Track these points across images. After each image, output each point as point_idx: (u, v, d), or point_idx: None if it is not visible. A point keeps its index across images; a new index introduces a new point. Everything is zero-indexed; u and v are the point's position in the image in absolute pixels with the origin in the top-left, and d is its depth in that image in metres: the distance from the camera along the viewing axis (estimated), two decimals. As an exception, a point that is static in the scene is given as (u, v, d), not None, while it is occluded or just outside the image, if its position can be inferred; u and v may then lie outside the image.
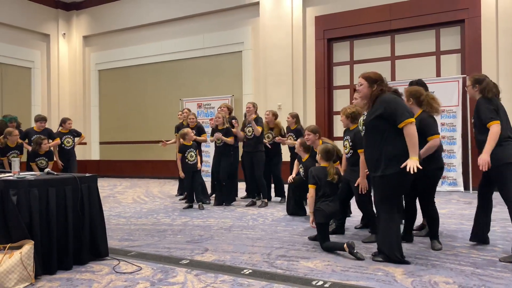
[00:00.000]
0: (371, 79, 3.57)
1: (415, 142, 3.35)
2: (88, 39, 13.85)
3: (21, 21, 12.60)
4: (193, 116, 7.79)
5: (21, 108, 12.18)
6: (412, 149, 3.35)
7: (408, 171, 3.29)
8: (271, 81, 10.40)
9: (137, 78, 12.92)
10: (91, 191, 3.71)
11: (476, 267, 3.38)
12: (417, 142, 3.36)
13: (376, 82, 3.55)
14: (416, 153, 3.35)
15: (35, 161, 6.70)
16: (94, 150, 13.68)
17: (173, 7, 11.98)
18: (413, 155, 3.34)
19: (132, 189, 9.69)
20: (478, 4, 8.44)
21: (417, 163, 3.30)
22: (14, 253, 3.01)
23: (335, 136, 9.98)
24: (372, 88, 3.55)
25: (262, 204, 6.75)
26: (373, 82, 3.56)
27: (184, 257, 3.79)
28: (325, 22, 10.01)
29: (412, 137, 3.36)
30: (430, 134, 3.87)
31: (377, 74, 3.60)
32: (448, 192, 8.14)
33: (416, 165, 3.29)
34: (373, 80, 3.56)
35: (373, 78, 3.57)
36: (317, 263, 3.56)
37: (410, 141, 3.36)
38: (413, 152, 3.35)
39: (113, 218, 5.92)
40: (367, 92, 3.59)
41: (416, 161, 3.31)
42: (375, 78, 3.56)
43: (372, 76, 3.58)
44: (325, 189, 4.02)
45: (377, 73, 3.62)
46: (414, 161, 3.31)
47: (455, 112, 8.33)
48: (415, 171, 3.28)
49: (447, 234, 4.58)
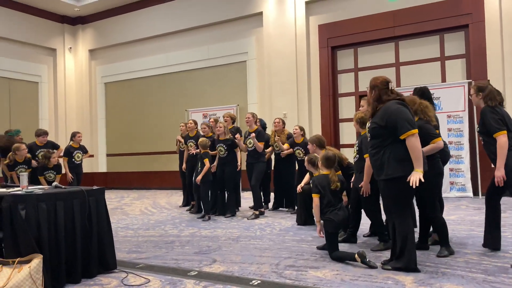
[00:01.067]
0: (371, 84, 3.58)
1: (417, 155, 3.30)
2: (94, 52, 14.01)
3: (28, 36, 12.79)
4: (206, 126, 7.64)
5: (29, 122, 12.30)
6: (415, 162, 3.30)
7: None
8: (276, 90, 10.43)
9: (142, 90, 13.02)
10: (99, 204, 3.72)
11: (488, 274, 3.34)
12: (420, 155, 3.31)
13: (375, 87, 3.53)
14: (419, 165, 3.30)
15: (44, 175, 6.75)
16: (101, 162, 13.75)
17: (177, 19, 12.10)
18: (417, 168, 3.30)
19: (139, 201, 9.70)
20: (482, 9, 8.44)
21: (421, 176, 3.26)
22: (23, 267, 3.02)
23: (341, 143, 9.96)
24: (371, 94, 3.56)
25: (252, 216, 6.51)
26: (372, 88, 3.56)
27: (192, 269, 3.78)
28: (328, 30, 10.05)
29: (414, 150, 3.31)
30: (432, 138, 3.91)
31: (377, 80, 3.55)
32: (457, 198, 8.07)
33: (420, 177, 3.25)
34: (372, 86, 3.56)
35: (372, 84, 3.56)
36: (326, 272, 3.53)
37: (412, 154, 3.32)
38: (416, 165, 3.30)
39: (121, 230, 5.93)
40: (368, 97, 3.61)
41: (420, 174, 3.27)
42: (374, 84, 3.55)
43: (372, 82, 3.57)
44: (329, 198, 3.99)
45: (379, 78, 3.57)
46: (418, 174, 3.27)
47: (462, 117, 8.29)
48: (417, 185, 3.25)
49: (457, 241, 4.53)
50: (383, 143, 3.45)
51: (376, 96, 3.51)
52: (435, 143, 3.91)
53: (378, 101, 3.51)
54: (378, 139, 3.49)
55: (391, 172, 3.39)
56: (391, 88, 3.52)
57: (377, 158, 3.49)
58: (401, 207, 3.45)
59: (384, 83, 3.51)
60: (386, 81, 3.52)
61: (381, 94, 3.49)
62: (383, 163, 3.44)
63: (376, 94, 3.51)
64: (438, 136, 3.96)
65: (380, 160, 3.46)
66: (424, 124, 3.95)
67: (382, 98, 3.49)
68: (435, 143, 3.90)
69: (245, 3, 11.04)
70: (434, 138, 3.91)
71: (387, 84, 3.51)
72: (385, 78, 3.57)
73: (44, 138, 7.54)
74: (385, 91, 3.49)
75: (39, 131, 7.67)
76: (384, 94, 3.49)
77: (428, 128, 3.95)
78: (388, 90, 3.50)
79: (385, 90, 3.50)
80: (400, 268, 3.43)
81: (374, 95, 3.52)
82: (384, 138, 3.44)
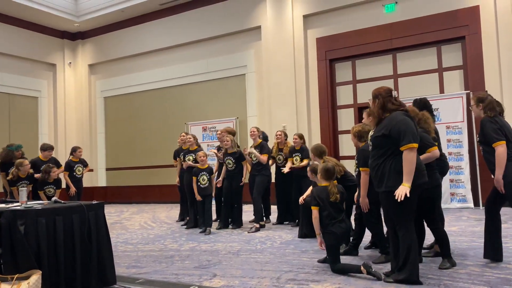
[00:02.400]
0: (373, 94, 3.59)
1: (410, 169, 3.30)
2: (93, 67, 14.09)
3: (28, 52, 12.87)
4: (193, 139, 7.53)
5: (29, 137, 12.32)
6: (405, 176, 3.30)
7: (411, 189, 3.27)
8: (275, 103, 10.47)
9: (142, 104, 13.07)
10: (98, 218, 3.70)
11: (490, 286, 3.31)
12: (412, 170, 3.31)
13: (377, 97, 3.54)
14: (408, 180, 3.29)
15: (43, 189, 6.73)
16: (101, 176, 13.72)
17: (176, 33, 12.20)
18: (405, 182, 3.29)
19: (139, 215, 9.66)
20: (478, 20, 8.52)
21: (407, 191, 3.25)
22: (22, 283, 3.00)
23: (341, 155, 9.96)
24: (374, 103, 3.57)
25: (253, 229, 6.47)
26: (375, 97, 3.57)
27: (193, 283, 3.74)
28: (326, 43, 10.13)
29: (408, 164, 3.30)
30: (428, 147, 3.92)
31: (380, 89, 3.57)
32: (458, 209, 8.03)
33: (406, 192, 3.25)
34: (375, 96, 3.57)
35: (375, 93, 3.58)
36: (327, 286, 3.50)
37: (405, 167, 3.31)
38: (406, 179, 3.30)
39: (120, 245, 5.89)
40: (371, 107, 3.62)
41: (407, 189, 3.26)
42: (377, 93, 3.56)
43: (375, 91, 3.59)
44: (329, 210, 3.96)
45: (382, 87, 3.59)
46: (405, 188, 3.27)
47: (461, 128, 8.30)
48: (402, 200, 3.25)
49: (459, 252, 4.50)
50: (384, 154, 3.45)
51: (381, 104, 3.51)
52: (431, 152, 3.92)
53: (383, 109, 3.50)
54: (380, 149, 3.48)
55: (391, 184, 3.38)
56: (394, 96, 3.53)
57: (377, 170, 3.49)
58: (404, 219, 3.43)
59: (387, 92, 3.53)
60: (389, 90, 3.55)
61: (386, 102, 3.49)
62: (384, 174, 3.43)
63: (381, 102, 3.51)
64: (434, 145, 3.97)
65: (381, 171, 3.46)
66: (421, 133, 3.96)
67: (387, 106, 3.49)
68: (430, 152, 3.92)
69: (244, 17, 11.15)
70: (430, 147, 3.93)
71: (390, 93, 3.53)
72: (388, 87, 3.60)
73: (49, 153, 7.46)
74: (389, 99, 3.50)
75: (45, 146, 7.55)
76: (388, 102, 3.49)
77: (425, 137, 3.96)
78: (392, 98, 3.51)
79: (388, 98, 3.51)
80: (403, 280, 3.40)
81: (378, 104, 3.52)
82: (386, 149, 3.44)
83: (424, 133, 3.99)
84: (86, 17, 13.01)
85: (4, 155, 7.25)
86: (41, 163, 7.28)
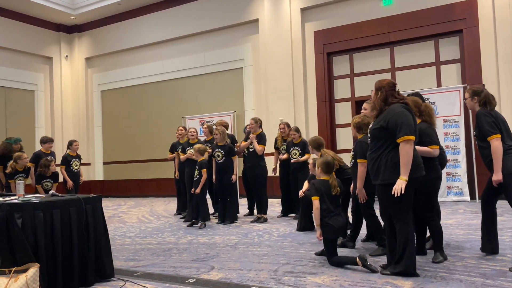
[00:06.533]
0: (376, 86, 3.59)
1: (407, 162, 3.30)
2: (90, 60, 14.02)
3: (24, 45, 12.79)
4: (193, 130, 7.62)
5: (25, 131, 12.26)
6: (402, 169, 3.31)
7: (408, 181, 3.28)
8: (272, 96, 10.46)
9: (139, 97, 13.03)
10: (96, 212, 3.70)
11: (486, 278, 3.33)
12: (409, 162, 3.30)
13: (380, 89, 3.55)
14: (405, 173, 3.30)
15: (41, 183, 6.72)
16: (98, 170, 13.71)
17: (173, 27, 12.14)
18: (402, 175, 3.30)
19: (136, 208, 9.66)
20: (476, 14, 8.51)
21: (403, 185, 3.27)
22: (20, 277, 3.00)
23: (338, 148, 9.98)
24: (377, 96, 3.57)
25: (261, 219, 6.66)
26: (378, 89, 3.57)
27: (190, 276, 3.76)
28: (324, 36, 10.11)
29: (405, 156, 3.30)
30: (431, 144, 3.92)
31: (383, 82, 3.57)
32: (454, 202, 8.08)
33: (402, 187, 3.26)
34: (378, 88, 3.58)
35: (378, 86, 3.58)
36: (324, 278, 3.52)
37: (402, 160, 3.31)
38: (403, 172, 3.30)
39: (118, 238, 5.90)
40: (373, 99, 3.62)
41: (404, 182, 3.28)
42: (379, 86, 3.56)
43: (378, 84, 3.59)
44: (328, 203, 3.96)
45: (385, 80, 3.60)
46: (402, 182, 3.28)
47: (458, 121, 8.32)
48: (398, 195, 3.26)
49: (455, 245, 4.53)
50: (382, 146, 3.46)
51: (383, 97, 3.52)
52: (432, 149, 3.91)
53: (385, 102, 3.51)
54: (378, 141, 3.49)
55: (387, 177, 3.39)
56: (397, 90, 3.55)
57: (374, 162, 3.50)
58: (401, 212, 3.45)
59: (390, 85, 3.53)
60: (392, 83, 3.55)
61: (388, 96, 3.50)
62: (380, 167, 3.44)
63: (383, 95, 3.52)
64: (437, 145, 3.97)
65: (378, 164, 3.47)
66: (427, 129, 3.97)
67: (388, 99, 3.50)
68: (432, 149, 3.91)
69: (241, 10, 11.09)
70: (433, 145, 3.93)
71: (393, 86, 3.53)
72: (391, 80, 3.61)
73: (49, 145, 7.46)
74: (391, 93, 3.51)
75: (45, 138, 7.54)
76: (390, 96, 3.51)
77: (430, 133, 3.97)
78: (394, 92, 3.52)
79: (391, 91, 3.52)
80: (399, 272, 3.42)
81: (380, 96, 3.53)
82: (384, 140, 3.45)
83: (429, 128, 4.00)
84: (82, 10, 12.93)
85: (3, 148, 7.23)
86: (44, 155, 7.25)
